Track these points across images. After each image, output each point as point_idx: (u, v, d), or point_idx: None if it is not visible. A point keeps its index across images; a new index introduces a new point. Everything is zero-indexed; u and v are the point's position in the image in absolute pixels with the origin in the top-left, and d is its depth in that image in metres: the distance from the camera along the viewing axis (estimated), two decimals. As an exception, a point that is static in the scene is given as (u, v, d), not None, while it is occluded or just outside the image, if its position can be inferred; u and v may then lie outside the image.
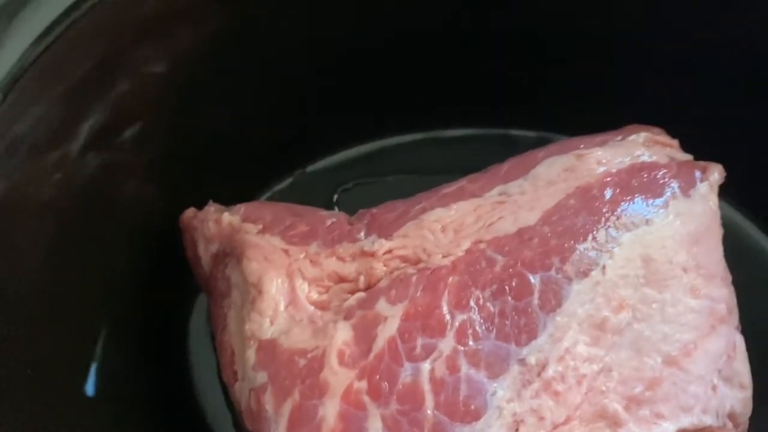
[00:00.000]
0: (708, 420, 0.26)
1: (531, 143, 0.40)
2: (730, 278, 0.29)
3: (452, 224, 0.29)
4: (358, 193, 0.41)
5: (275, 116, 0.38)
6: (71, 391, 0.31)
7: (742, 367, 0.28)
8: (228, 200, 0.36)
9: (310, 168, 0.42)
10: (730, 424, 0.28)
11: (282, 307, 0.29)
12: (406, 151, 0.42)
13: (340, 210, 0.40)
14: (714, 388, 0.27)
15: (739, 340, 0.29)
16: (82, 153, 0.32)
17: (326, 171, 0.42)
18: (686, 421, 0.27)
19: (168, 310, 0.37)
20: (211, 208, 0.33)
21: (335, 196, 0.41)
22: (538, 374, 0.26)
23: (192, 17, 0.33)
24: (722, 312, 0.28)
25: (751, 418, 0.29)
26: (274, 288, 0.29)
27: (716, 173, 0.30)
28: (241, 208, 0.33)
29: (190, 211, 0.35)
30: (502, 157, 0.40)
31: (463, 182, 0.31)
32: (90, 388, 0.32)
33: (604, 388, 0.26)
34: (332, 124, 0.40)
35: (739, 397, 0.28)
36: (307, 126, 0.40)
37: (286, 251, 0.30)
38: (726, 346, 0.28)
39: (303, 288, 0.29)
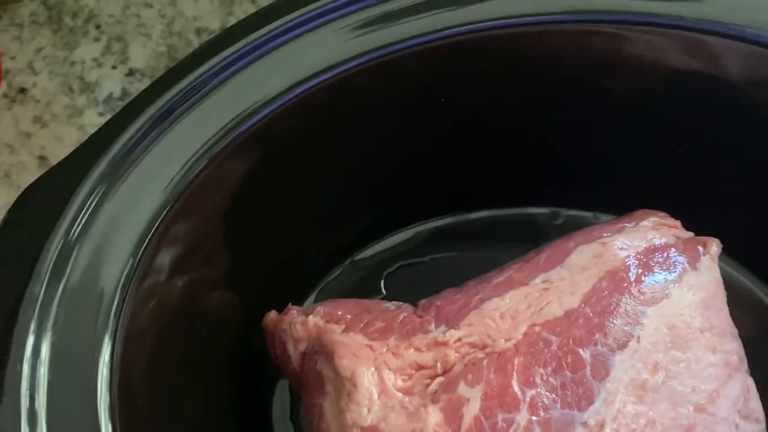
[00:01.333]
0: (736, 453, 0.33)
1: (545, 218, 0.47)
2: (736, 332, 0.36)
3: (509, 311, 0.35)
4: (401, 275, 0.47)
5: (329, 224, 0.44)
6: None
7: (756, 405, 0.35)
8: (287, 294, 0.42)
9: (357, 257, 0.47)
10: (752, 454, 0.34)
11: (375, 396, 0.34)
12: (438, 234, 0.48)
13: (387, 290, 0.46)
14: (736, 426, 0.34)
15: (751, 383, 0.35)
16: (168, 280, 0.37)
17: (371, 258, 0.47)
18: (718, 456, 0.33)
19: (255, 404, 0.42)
20: (294, 311, 0.39)
21: (382, 282, 0.47)
22: (599, 433, 0.32)
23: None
24: (735, 362, 0.34)
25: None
26: (366, 380, 0.34)
27: (714, 246, 0.36)
28: (320, 309, 0.38)
29: (272, 314, 0.40)
30: (520, 232, 0.47)
31: (510, 272, 0.37)
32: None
33: (651, 438, 0.32)
34: (376, 219, 0.46)
35: (756, 430, 0.34)
36: (355, 221, 0.46)
37: (370, 347, 0.35)
38: (741, 389, 0.34)
39: (390, 378, 0.34)
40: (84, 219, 0.31)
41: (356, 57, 0.34)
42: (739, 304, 0.37)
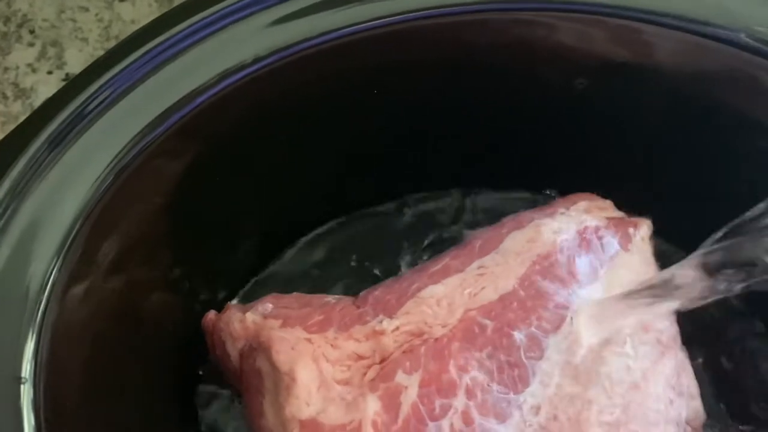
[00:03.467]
0: (671, 429, 0.33)
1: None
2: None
3: (445, 298, 0.35)
4: (343, 266, 0.47)
5: (268, 216, 0.43)
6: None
7: (689, 381, 0.35)
8: (227, 293, 0.41)
9: (297, 249, 0.47)
10: (689, 429, 0.34)
11: (314, 389, 0.34)
12: (372, 224, 0.48)
13: (329, 281, 0.45)
14: (671, 402, 0.34)
15: (685, 359, 0.36)
16: (107, 278, 0.36)
17: (310, 250, 0.47)
18: (655, 433, 0.33)
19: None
20: (232, 309, 0.38)
21: (323, 273, 0.46)
22: (535, 415, 0.32)
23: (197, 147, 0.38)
24: (667, 339, 0.35)
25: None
26: (305, 374, 0.34)
27: (645, 227, 0.37)
28: (259, 306, 0.38)
29: (211, 314, 0.39)
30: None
31: (446, 260, 0.37)
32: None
33: (587, 419, 0.32)
34: (308, 214, 0.46)
35: (691, 405, 0.35)
36: (293, 212, 0.45)
37: (308, 340, 0.35)
38: (675, 366, 0.35)
39: (329, 370, 0.34)
40: (5, 217, 0.30)
41: (284, 49, 0.34)
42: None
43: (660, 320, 0.35)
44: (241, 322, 0.37)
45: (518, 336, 0.33)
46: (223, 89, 0.34)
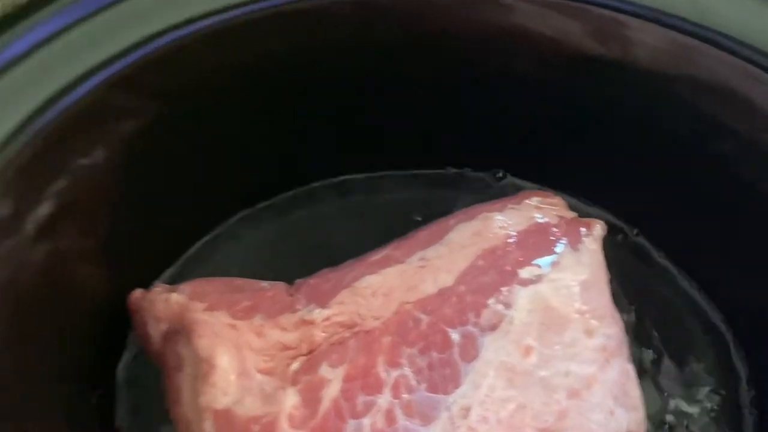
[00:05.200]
0: (609, 441, 0.31)
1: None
2: (618, 316, 0.34)
3: (381, 289, 0.33)
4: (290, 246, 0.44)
5: (206, 191, 0.41)
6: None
7: (634, 392, 0.33)
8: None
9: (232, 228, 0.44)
10: (629, 442, 0.32)
11: (233, 378, 0.31)
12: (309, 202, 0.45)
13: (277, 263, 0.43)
14: (612, 412, 0.32)
15: (630, 368, 0.34)
16: (31, 243, 0.34)
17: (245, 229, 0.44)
18: (592, 444, 0.31)
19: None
20: (158, 288, 0.36)
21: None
22: (464, 417, 0.30)
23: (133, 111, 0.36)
24: (614, 346, 0.33)
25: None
26: (225, 361, 0.32)
27: (598, 228, 0.35)
28: (187, 287, 0.35)
29: (137, 292, 0.37)
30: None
31: (388, 250, 0.35)
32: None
33: (520, 424, 0.30)
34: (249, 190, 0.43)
35: (633, 417, 0.33)
36: (235, 188, 0.43)
37: (233, 326, 0.33)
38: (619, 375, 0.33)
39: (251, 358, 0.32)
40: None
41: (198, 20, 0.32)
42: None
43: (608, 325, 0.33)
44: (165, 302, 0.35)
45: (453, 333, 0.31)
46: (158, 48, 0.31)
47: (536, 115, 0.41)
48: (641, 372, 0.38)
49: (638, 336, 0.39)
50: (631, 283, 0.40)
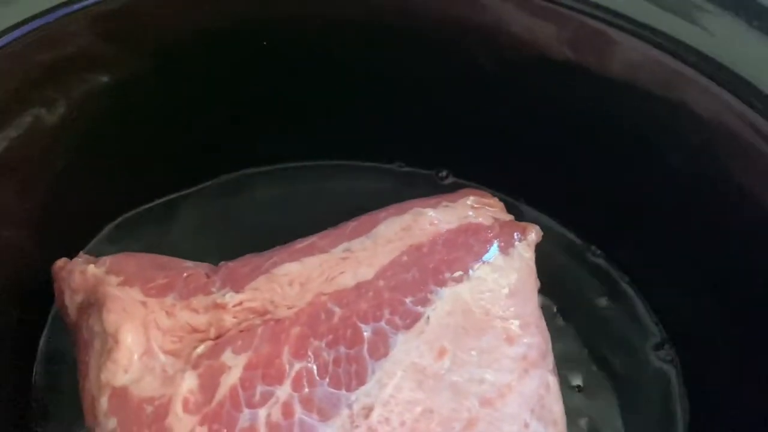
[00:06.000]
0: (519, 455, 0.30)
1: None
2: (544, 325, 0.33)
3: (299, 278, 0.32)
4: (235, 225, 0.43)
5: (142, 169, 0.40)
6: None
7: (555, 406, 0.32)
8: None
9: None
10: (542, 459, 0.31)
11: (136, 356, 0.30)
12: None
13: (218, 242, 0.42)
14: (526, 425, 0.31)
15: (553, 382, 0.32)
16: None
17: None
18: (501, 457, 0.30)
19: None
20: (80, 259, 0.35)
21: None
22: (366, 417, 0.29)
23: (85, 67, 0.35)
24: (535, 357, 0.32)
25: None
26: (130, 338, 0.31)
27: (533, 233, 0.33)
28: (108, 260, 0.34)
29: (60, 261, 0.36)
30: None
31: (314, 238, 0.34)
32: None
33: (425, 429, 0.29)
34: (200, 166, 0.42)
35: (551, 433, 0.32)
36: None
37: (143, 303, 0.32)
38: (538, 387, 0.31)
39: (157, 338, 0.31)
40: None
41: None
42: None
43: (531, 335, 0.32)
44: (82, 273, 0.34)
45: (364, 329, 0.30)
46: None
47: (493, 117, 0.40)
48: (568, 389, 0.37)
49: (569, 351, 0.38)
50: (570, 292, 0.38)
